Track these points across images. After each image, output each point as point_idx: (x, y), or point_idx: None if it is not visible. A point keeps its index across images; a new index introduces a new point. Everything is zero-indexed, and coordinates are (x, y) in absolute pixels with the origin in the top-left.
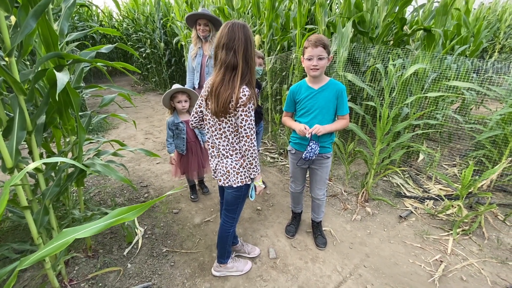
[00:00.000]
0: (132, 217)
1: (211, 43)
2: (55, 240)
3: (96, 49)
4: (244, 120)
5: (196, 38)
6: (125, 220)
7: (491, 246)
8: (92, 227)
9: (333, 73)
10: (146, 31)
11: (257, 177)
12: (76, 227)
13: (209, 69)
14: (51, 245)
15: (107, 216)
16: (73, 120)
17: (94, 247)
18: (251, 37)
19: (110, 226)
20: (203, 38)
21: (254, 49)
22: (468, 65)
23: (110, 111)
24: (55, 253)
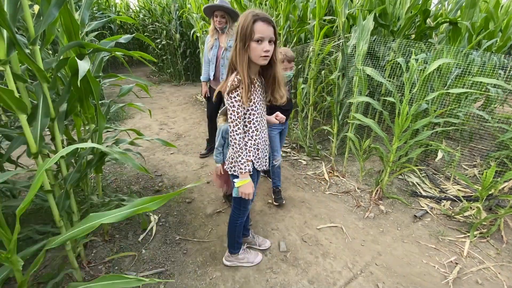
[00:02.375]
0: (154, 207)
1: (227, 35)
2: (82, 224)
3: (115, 39)
4: (228, 108)
5: (213, 30)
6: (147, 210)
7: (509, 250)
8: (117, 214)
9: (352, 66)
10: (162, 22)
11: (242, 176)
12: (101, 212)
13: (224, 61)
14: (79, 227)
15: (130, 205)
16: (93, 109)
17: (110, 232)
18: (245, 23)
19: (134, 214)
20: (219, 29)
21: (249, 37)
22: (495, 61)
23: (127, 101)
24: (82, 235)
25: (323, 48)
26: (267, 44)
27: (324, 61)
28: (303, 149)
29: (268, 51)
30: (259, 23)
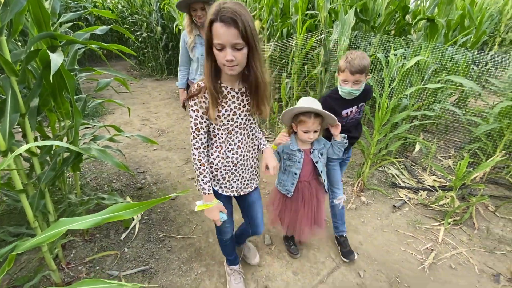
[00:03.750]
0: (129, 216)
1: None
2: (51, 229)
3: (91, 30)
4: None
5: (190, 25)
6: (122, 218)
7: (481, 236)
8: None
9: (334, 61)
10: (143, 14)
11: (205, 197)
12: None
13: None
14: (47, 233)
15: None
16: (68, 104)
17: (91, 232)
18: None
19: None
20: (201, 24)
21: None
22: (469, 57)
23: (106, 96)
24: (50, 241)
25: (306, 42)
26: (229, 52)
27: (307, 55)
28: None
29: (231, 61)
30: (216, 24)
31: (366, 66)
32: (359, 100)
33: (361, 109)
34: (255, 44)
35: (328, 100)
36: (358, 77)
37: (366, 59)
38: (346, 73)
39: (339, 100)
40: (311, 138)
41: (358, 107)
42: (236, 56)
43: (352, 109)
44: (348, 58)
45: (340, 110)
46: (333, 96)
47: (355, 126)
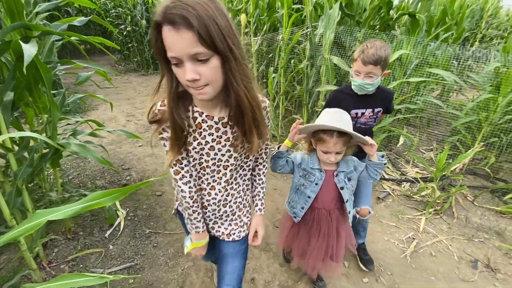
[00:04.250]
0: (109, 203)
1: None
2: (28, 222)
3: (68, 21)
4: None
5: None
6: (102, 205)
7: (460, 225)
8: (66, 210)
9: (320, 55)
10: (126, 7)
11: (196, 236)
12: (50, 209)
13: None
14: (23, 226)
15: (83, 200)
16: (45, 98)
17: (74, 230)
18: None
19: (85, 210)
20: None
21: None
22: (450, 52)
23: (90, 91)
24: (27, 234)
25: (292, 37)
26: (188, 68)
27: (294, 50)
28: (276, 138)
29: (194, 80)
30: (165, 29)
31: (383, 57)
32: (375, 102)
33: (377, 116)
34: (230, 51)
35: (338, 94)
36: (372, 69)
37: (384, 50)
38: (358, 62)
39: (351, 97)
40: (332, 160)
41: (373, 112)
42: (202, 72)
43: (365, 111)
44: (364, 46)
45: (349, 109)
46: (345, 91)
47: (367, 134)
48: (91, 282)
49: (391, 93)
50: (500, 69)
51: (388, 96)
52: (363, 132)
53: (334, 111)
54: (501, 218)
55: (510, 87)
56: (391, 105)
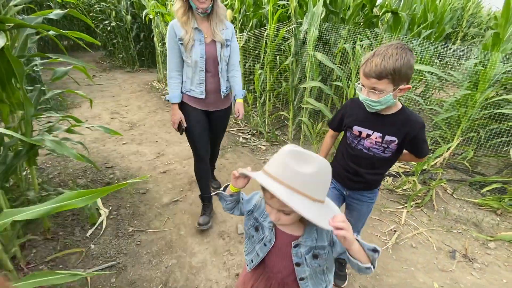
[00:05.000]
0: (82, 204)
1: (218, 21)
2: None
3: (43, 14)
4: None
5: (185, 13)
6: (73, 206)
7: (439, 217)
8: (36, 210)
9: (304, 52)
10: (111, 2)
11: None
12: (18, 209)
13: (222, 65)
14: None
15: (54, 200)
16: (19, 93)
17: (53, 230)
18: None
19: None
20: (201, 13)
21: None
22: (431, 50)
23: (73, 89)
24: None
25: (278, 33)
26: None
27: (280, 46)
28: (263, 135)
29: None
30: None
31: (391, 69)
32: (388, 127)
33: (389, 146)
34: None
35: (350, 103)
36: (375, 83)
37: (397, 59)
38: (361, 73)
39: (361, 110)
40: (273, 219)
41: (382, 138)
42: None
43: (371, 133)
44: (373, 52)
45: (353, 123)
46: (358, 101)
47: (369, 163)
48: (63, 280)
49: (417, 123)
50: (478, 66)
51: (411, 125)
52: (365, 160)
53: (293, 155)
54: (479, 210)
55: (487, 83)
56: (417, 141)
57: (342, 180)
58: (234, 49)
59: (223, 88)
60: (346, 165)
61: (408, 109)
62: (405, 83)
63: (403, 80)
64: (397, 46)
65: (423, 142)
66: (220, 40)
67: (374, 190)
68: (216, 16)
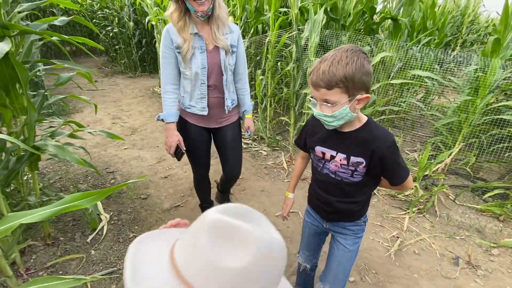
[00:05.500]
0: (86, 205)
1: (220, 24)
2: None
3: (48, 20)
4: None
5: (181, 17)
6: (78, 207)
7: (442, 223)
8: (41, 213)
9: (305, 58)
10: (113, 9)
11: None
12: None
13: (227, 75)
14: None
15: (58, 202)
16: (22, 98)
17: (54, 235)
18: None
19: (61, 212)
20: (201, 15)
21: None
22: (432, 57)
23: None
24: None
25: (279, 39)
26: None
27: (281, 52)
28: (264, 140)
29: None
30: None
31: (341, 77)
32: (353, 147)
33: (357, 169)
34: None
35: (311, 120)
36: (325, 95)
37: (347, 64)
38: (309, 83)
39: (324, 128)
40: None
41: (347, 160)
42: None
43: (335, 154)
44: (320, 58)
45: (315, 143)
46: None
47: (338, 190)
48: (66, 285)
49: (383, 140)
50: (478, 72)
51: (375, 143)
52: (333, 186)
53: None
54: (481, 216)
55: (487, 89)
56: (387, 164)
57: (318, 210)
58: (240, 56)
59: (228, 102)
60: (316, 193)
61: (374, 123)
62: (363, 92)
63: (359, 89)
64: (347, 49)
65: (396, 165)
66: (224, 46)
67: (357, 221)
68: (217, 18)
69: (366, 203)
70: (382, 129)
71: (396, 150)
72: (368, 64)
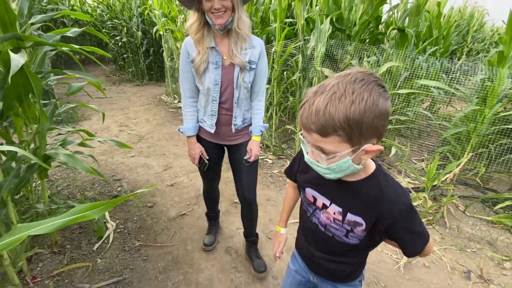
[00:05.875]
0: (95, 215)
1: (237, 38)
2: (9, 236)
3: (61, 32)
4: None
5: (199, 30)
6: (87, 218)
7: (452, 235)
8: (50, 224)
9: (311, 68)
10: (122, 19)
11: None
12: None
13: (240, 93)
14: (4, 240)
15: (68, 213)
16: (35, 108)
17: (60, 243)
18: None
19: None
20: (219, 29)
21: None
22: (438, 66)
23: (83, 101)
24: (7, 249)
25: (285, 49)
26: None
27: (287, 62)
28: (269, 149)
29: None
30: None
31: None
32: (352, 201)
33: (354, 231)
34: None
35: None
36: (319, 142)
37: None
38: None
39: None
40: None
41: (343, 216)
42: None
43: (328, 204)
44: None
45: (306, 184)
46: None
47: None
48: None
49: (396, 203)
50: (485, 81)
51: (386, 206)
52: (320, 240)
53: None
54: (493, 228)
55: (495, 99)
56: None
57: (305, 259)
58: (260, 73)
59: (238, 121)
60: (302, 239)
61: (384, 174)
62: (374, 139)
63: (368, 137)
64: (357, 78)
65: (411, 234)
66: (239, 63)
67: (350, 283)
68: (237, 33)
69: (362, 263)
70: (394, 185)
71: (412, 216)
72: (385, 102)
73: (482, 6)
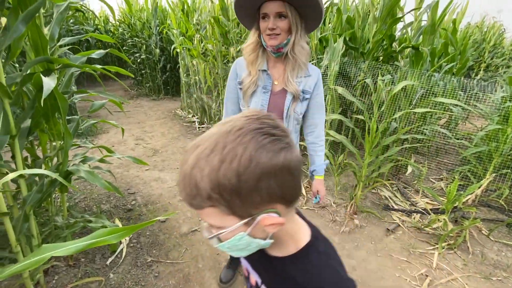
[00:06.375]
0: (114, 241)
1: (294, 63)
2: (33, 255)
3: (87, 54)
4: None
5: (254, 51)
6: (106, 243)
7: (475, 261)
8: (71, 246)
9: (325, 85)
10: (142, 37)
11: None
12: (56, 244)
13: (289, 124)
14: (28, 260)
15: (89, 236)
16: (60, 125)
17: (75, 256)
18: None
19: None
20: (271, 50)
21: None
22: (455, 83)
23: (101, 115)
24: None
25: None
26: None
27: None
28: None
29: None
30: None
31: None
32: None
33: None
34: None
35: None
36: (199, 214)
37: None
38: None
39: None
40: None
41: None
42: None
43: (260, 283)
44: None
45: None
46: None
47: None
48: None
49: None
50: (506, 100)
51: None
52: None
53: None
54: None
55: None
56: None
57: None
58: (316, 104)
59: None
60: None
61: (317, 254)
62: (276, 205)
63: (256, 204)
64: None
65: None
66: (293, 91)
67: None
68: (292, 58)
69: None
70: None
71: None
72: (274, 155)
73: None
